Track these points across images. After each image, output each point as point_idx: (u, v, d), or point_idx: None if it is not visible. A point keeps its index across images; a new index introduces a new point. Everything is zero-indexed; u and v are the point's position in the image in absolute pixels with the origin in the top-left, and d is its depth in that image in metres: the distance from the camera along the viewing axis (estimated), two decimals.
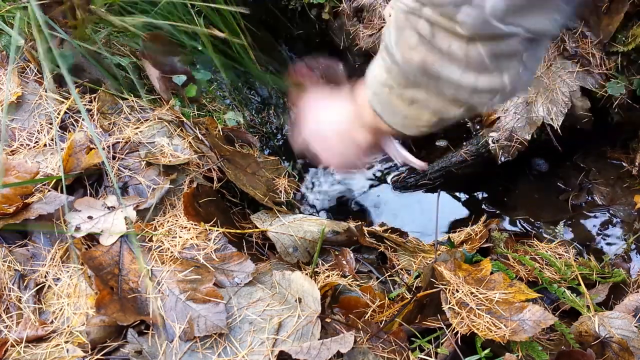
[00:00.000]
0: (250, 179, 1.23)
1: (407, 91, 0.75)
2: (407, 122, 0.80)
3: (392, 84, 0.76)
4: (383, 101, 0.80)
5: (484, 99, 0.70)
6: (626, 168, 1.62)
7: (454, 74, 0.67)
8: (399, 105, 0.78)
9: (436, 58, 0.66)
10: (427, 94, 0.73)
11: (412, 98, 0.75)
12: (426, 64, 0.68)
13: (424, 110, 0.76)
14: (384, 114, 0.82)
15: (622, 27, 1.48)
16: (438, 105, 0.74)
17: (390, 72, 0.75)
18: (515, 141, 1.50)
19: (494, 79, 0.67)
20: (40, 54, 1.10)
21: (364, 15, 1.78)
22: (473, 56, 0.64)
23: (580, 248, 1.49)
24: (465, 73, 0.66)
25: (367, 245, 1.17)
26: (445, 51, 0.65)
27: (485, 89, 0.68)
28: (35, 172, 1.03)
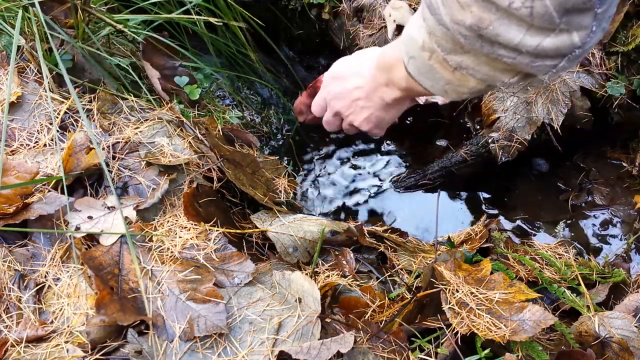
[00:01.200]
0: (250, 179, 1.23)
1: (452, 57, 0.67)
2: (449, 87, 0.73)
3: (435, 48, 0.68)
4: (421, 66, 0.73)
5: (547, 64, 0.61)
6: (626, 168, 1.62)
7: (515, 35, 0.58)
8: (442, 72, 0.71)
9: (494, 17, 0.57)
10: (477, 59, 0.65)
11: (459, 64, 0.67)
12: (481, 25, 0.59)
13: (470, 77, 0.69)
14: (422, 79, 0.75)
15: (622, 27, 1.48)
16: (489, 72, 0.66)
17: (433, 35, 0.67)
18: (515, 141, 1.50)
19: (563, 39, 0.57)
20: (40, 54, 1.10)
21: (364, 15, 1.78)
22: (539, 12, 0.55)
23: (580, 248, 1.49)
24: (528, 34, 0.57)
25: (367, 245, 1.17)
26: (505, 8, 0.56)
27: (551, 52, 0.59)
28: (35, 172, 1.03)
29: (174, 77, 1.39)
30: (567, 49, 0.58)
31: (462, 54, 0.65)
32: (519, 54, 0.60)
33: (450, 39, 0.64)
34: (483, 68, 0.66)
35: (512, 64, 0.62)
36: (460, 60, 0.66)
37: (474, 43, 0.61)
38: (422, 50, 0.71)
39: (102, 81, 1.25)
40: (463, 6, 0.59)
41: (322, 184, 1.69)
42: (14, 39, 1.07)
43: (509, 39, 0.58)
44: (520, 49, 0.59)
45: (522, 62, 0.61)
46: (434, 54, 0.69)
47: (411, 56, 0.75)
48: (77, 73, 1.23)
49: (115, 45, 1.40)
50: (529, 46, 0.58)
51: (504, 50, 0.60)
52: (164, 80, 1.32)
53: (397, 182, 1.66)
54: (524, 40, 0.58)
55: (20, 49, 1.21)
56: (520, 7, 0.55)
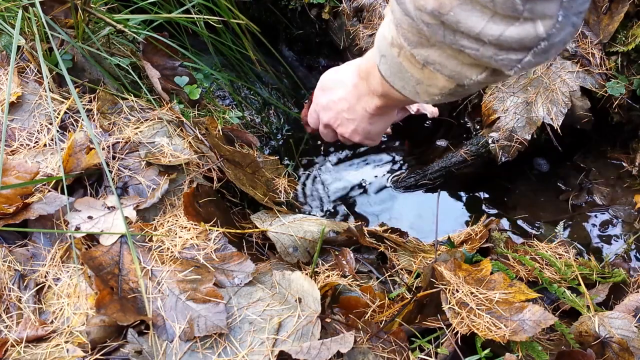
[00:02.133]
0: (250, 179, 1.23)
1: (419, 50, 0.65)
2: (420, 88, 0.72)
3: (402, 43, 0.66)
4: (392, 64, 0.72)
5: (512, 58, 0.58)
6: (626, 168, 1.62)
7: (476, 23, 0.55)
8: (410, 69, 0.69)
9: (455, 3, 0.55)
10: (443, 52, 0.63)
11: (426, 59, 0.65)
12: (442, 10, 0.56)
13: (438, 75, 0.67)
14: (394, 80, 0.74)
15: (622, 27, 1.48)
16: (456, 67, 0.64)
17: (400, 27, 0.65)
18: (515, 141, 1.50)
19: (527, 29, 0.54)
20: (40, 54, 1.10)
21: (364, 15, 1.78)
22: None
23: (580, 248, 1.49)
24: (491, 22, 0.55)
25: (367, 245, 1.17)
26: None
27: (514, 44, 0.56)
28: (35, 172, 1.03)
29: (174, 77, 1.39)
30: (531, 41, 0.55)
31: (428, 47, 0.63)
32: (482, 44, 0.57)
33: (416, 30, 0.62)
34: (449, 62, 0.64)
35: (476, 57, 0.59)
36: (426, 54, 0.64)
37: (437, 31, 0.59)
38: (392, 46, 0.69)
39: (102, 81, 1.25)
40: None
41: (322, 184, 1.69)
42: (14, 39, 1.07)
43: (470, 27, 0.56)
44: (483, 39, 0.56)
45: (486, 55, 0.58)
46: (402, 49, 0.68)
47: (382, 54, 0.73)
48: (77, 73, 1.23)
49: (115, 45, 1.40)
50: (491, 35, 0.55)
51: (466, 40, 0.58)
52: (164, 80, 1.32)
53: (397, 182, 1.66)
54: (485, 29, 0.55)
55: (20, 49, 1.21)
56: None
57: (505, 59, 0.58)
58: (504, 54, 0.57)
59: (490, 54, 0.58)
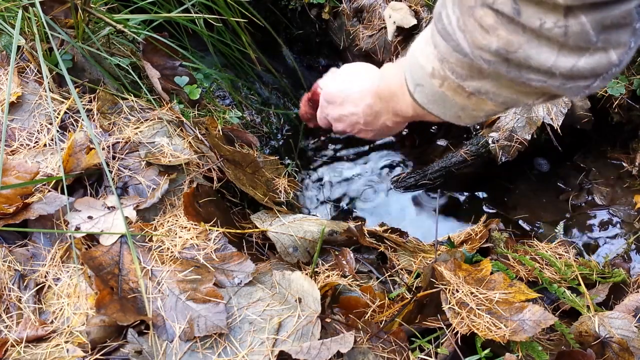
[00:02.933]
0: (250, 179, 1.23)
1: (469, 82, 0.63)
2: (464, 113, 0.70)
3: (448, 76, 0.64)
4: (431, 94, 0.70)
5: (580, 85, 0.56)
6: (626, 168, 1.62)
7: (547, 58, 0.53)
8: (455, 97, 0.67)
9: (523, 40, 0.53)
10: (497, 82, 0.61)
11: (477, 89, 0.63)
12: (510, 48, 0.54)
13: (489, 101, 0.64)
14: (432, 107, 0.72)
15: None
16: (511, 95, 0.62)
17: (445, 62, 0.63)
18: (515, 141, 1.50)
19: (600, 58, 0.53)
20: (40, 54, 1.10)
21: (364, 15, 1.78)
22: (575, 31, 0.50)
23: (580, 248, 1.49)
24: (561, 55, 0.53)
25: (367, 245, 1.17)
26: (535, 29, 0.52)
27: (586, 73, 0.54)
28: (35, 172, 1.03)
29: (174, 77, 1.39)
30: (603, 68, 0.54)
31: (480, 79, 0.62)
32: (550, 76, 0.55)
33: (467, 65, 0.61)
34: (505, 92, 0.62)
35: (542, 87, 0.58)
36: (479, 85, 0.63)
37: (499, 68, 0.57)
38: (432, 77, 0.67)
39: (102, 81, 1.25)
40: (487, 30, 0.55)
41: (322, 184, 1.69)
42: (14, 39, 1.07)
43: (540, 62, 0.54)
44: (554, 72, 0.54)
45: (553, 85, 0.56)
46: (446, 81, 0.66)
47: (418, 84, 0.71)
48: (77, 73, 1.23)
49: (115, 45, 1.40)
50: (563, 68, 0.54)
51: (533, 74, 0.56)
52: (164, 80, 1.32)
53: (397, 182, 1.66)
54: (557, 62, 0.53)
55: (20, 49, 1.21)
56: (553, 27, 0.51)
57: (574, 87, 0.57)
58: (572, 82, 0.56)
59: (558, 84, 0.56)
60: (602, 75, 0.55)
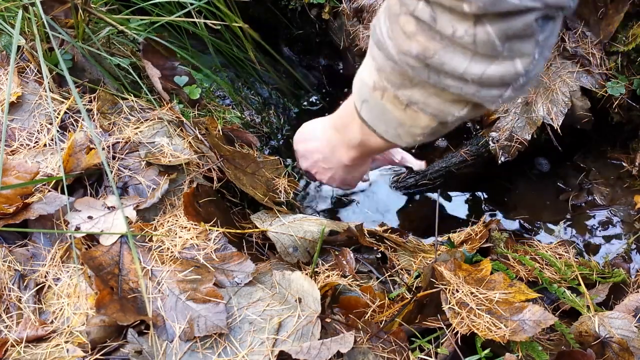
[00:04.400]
0: (250, 179, 1.23)
1: (402, 92, 0.67)
2: (402, 130, 0.74)
3: (385, 85, 0.68)
4: (374, 108, 0.74)
5: (493, 93, 0.61)
6: (626, 168, 1.62)
7: (459, 63, 0.58)
8: (394, 111, 0.71)
9: (439, 46, 0.58)
10: (426, 92, 0.65)
11: (409, 98, 0.67)
12: (427, 54, 0.59)
13: (421, 114, 0.69)
14: (376, 123, 0.76)
15: (622, 27, 1.48)
16: (439, 105, 0.66)
17: (382, 71, 0.68)
18: (515, 141, 1.50)
19: (506, 67, 0.58)
20: (40, 54, 1.10)
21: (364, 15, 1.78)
22: (482, 40, 0.55)
23: (581, 248, 1.49)
24: (472, 62, 0.58)
25: (367, 245, 1.17)
26: (449, 37, 0.57)
27: (495, 80, 0.59)
28: (35, 172, 1.03)
29: (174, 76, 1.39)
30: (511, 77, 0.59)
31: (411, 87, 0.66)
32: (464, 82, 0.60)
33: (399, 73, 0.65)
34: (432, 101, 0.66)
35: (459, 94, 0.62)
36: (410, 94, 0.66)
37: (422, 73, 0.62)
38: (374, 90, 0.71)
39: (102, 81, 1.25)
40: (409, 36, 0.59)
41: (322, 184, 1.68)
42: (14, 39, 1.07)
43: (454, 67, 0.59)
44: (466, 78, 0.59)
45: (469, 92, 0.61)
46: (385, 92, 0.70)
47: (364, 100, 0.75)
48: (77, 73, 1.23)
49: (115, 45, 1.40)
50: (474, 74, 0.58)
51: (450, 79, 0.60)
52: (164, 80, 1.32)
53: (397, 182, 1.66)
54: (469, 68, 0.58)
55: (20, 49, 1.21)
56: (464, 35, 0.55)
57: (487, 95, 0.61)
58: (486, 90, 0.60)
59: (472, 90, 0.61)
60: (511, 85, 0.60)
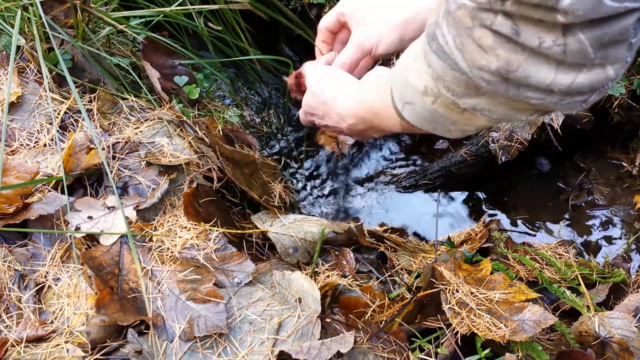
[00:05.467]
0: (247, 180, 1.23)
1: (465, 100, 0.63)
2: (455, 127, 0.70)
3: (443, 93, 0.65)
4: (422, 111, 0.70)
5: (577, 100, 0.57)
6: (626, 168, 1.62)
7: (546, 75, 0.54)
8: (447, 113, 0.68)
9: (522, 59, 0.54)
10: (495, 101, 0.61)
11: (473, 107, 0.64)
12: (510, 68, 0.55)
13: (482, 118, 0.65)
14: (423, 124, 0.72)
15: None
16: (507, 111, 0.62)
17: (440, 80, 0.63)
18: (515, 141, 1.50)
19: (597, 74, 0.54)
20: (40, 54, 1.10)
21: None
22: (573, 49, 0.51)
23: (581, 248, 1.49)
24: (560, 72, 0.53)
25: (367, 245, 1.17)
26: (535, 49, 0.52)
27: (584, 88, 0.55)
28: (35, 172, 1.03)
29: (173, 76, 1.38)
30: (600, 83, 0.55)
31: (477, 97, 0.62)
32: (549, 94, 0.56)
33: (464, 83, 0.61)
34: (500, 109, 0.62)
35: (539, 104, 0.58)
36: (474, 103, 0.63)
37: (498, 87, 0.58)
38: (424, 95, 0.68)
39: (102, 81, 1.25)
40: (487, 50, 0.55)
41: (322, 184, 1.68)
42: (14, 39, 1.07)
43: (540, 80, 0.54)
44: (552, 89, 0.55)
45: (551, 102, 0.57)
46: (439, 98, 0.66)
47: (407, 102, 0.71)
48: (77, 73, 1.23)
49: (115, 45, 1.40)
50: (562, 85, 0.54)
51: (532, 91, 0.56)
52: (164, 80, 1.32)
53: (397, 182, 1.66)
54: (556, 79, 0.54)
55: (20, 49, 1.21)
56: (552, 46, 0.51)
57: (571, 102, 0.58)
58: (570, 98, 0.57)
59: (555, 100, 0.57)
60: (598, 90, 0.56)
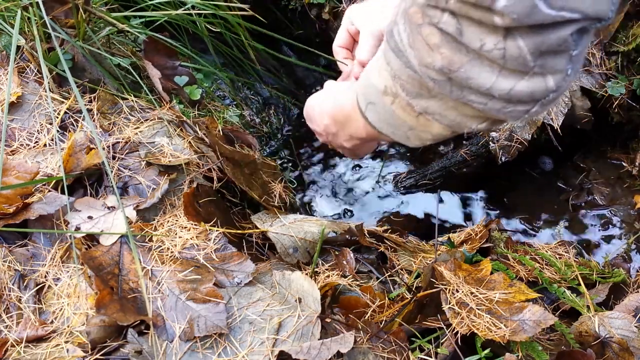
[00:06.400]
0: (247, 180, 1.23)
1: (418, 101, 0.63)
2: (412, 133, 0.70)
3: (399, 93, 0.65)
4: (382, 112, 0.70)
5: (520, 110, 0.57)
6: (626, 168, 1.62)
7: (486, 78, 0.54)
8: (404, 116, 0.68)
9: (465, 59, 0.54)
10: (445, 104, 0.62)
11: (425, 109, 0.64)
12: (452, 67, 0.55)
13: (436, 123, 0.65)
14: (383, 126, 0.73)
15: (622, 27, 1.48)
16: (457, 118, 0.63)
17: (397, 78, 0.64)
18: (515, 141, 1.50)
19: (537, 83, 0.54)
20: (40, 54, 1.10)
21: None
22: (512, 55, 0.51)
23: (580, 248, 1.49)
24: (501, 77, 0.54)
25: (367, 245, 1.17)
26: (476, 50, 0.53)
27: (524, 97, 0.55)
28: (35, 172, 1.03)
29: (174, 76, 1.38)
30: (541, 94, 0.55)
31: (428, 98, 0.62)
32: (490, 99, 0.56)
33: (417, 83, 0.61)
34: (450, 114, 0.63)
35: (482, 110, 0.58)
36: (426, 105, 0.63)
37: (444, 87, 0.58)
38: (384, 94, 0.68)
39: (102, 81, 1.25)
40: (432, 48, 0.56)
41: (322, 184, 1.69)
42: (14, 39, 1.07)
43: (480, 83, 0.55)
44: (493, 94, 0.55)
45: (493, 108, 0.57)
46: (397, 98, 0.66)
47: (370, 102, 0.72)
48: (77, 73, 1.23)
49: (116, 45, 1.40)
50: (501, 90, 0.55)
51: (474, 95, 0.57)
52: (164, 80, 1.32)
53: (397, 182, 1.66)
54: (496, 84, 0.54)
55: (20, 49, 1.21)
56: (493, 49, 0.52)
57: (513, 111, 0.58)
58: (512, 106, 0.57)
59: (498, 107, 0.57)
60: (540, 101, 0.56)
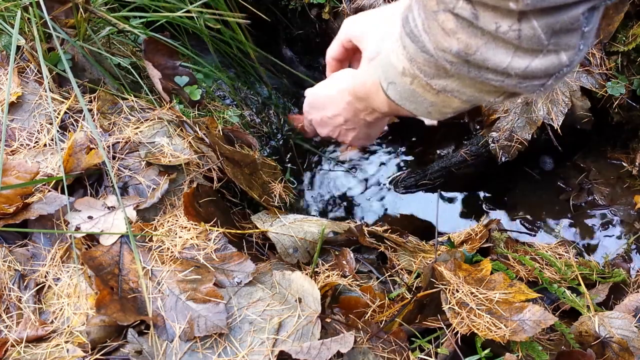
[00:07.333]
0: (247, 180, 1.23)
1: (436, 81, 0.67)
2: (433, 109, 0.74)
3: (417, 74, 0.68)
4: (403, 91, 0.74)
5: (535, 84, 0.60)
6: (626, 168, 1.62)
7: (503, 59, 0.57)
8: (424, 94, 0.71)
9: (481, 43, 0.57)
10: (462, 83, 0.65)
11: (444, 88, 0.67)
12: (469, 51, 0.58)
13: (455, 99, 0.69)
14: (405, 103, 0.76)
15: (622, 27, 1.48)
16: (475, 93, 0.66)
17: (414, 61, 0.66)
18: (515, 141, 1.50)
19: (552, 60, 0.57)
20: (40, 54, 1.10)
21: None
22: (527, 35, 0.54)
23: (580, 248, 1.49)
24: (516, 57, 0.57)
25: (367, 245, 1.17)
26: (492, 33, 0.55)
27: (539, 73, 0.58)
28: (35, 172, 1.03)
29: (174, 76, 1.38)
30: (555, 68, 0.58)
31: (446, 78, 0.65)
32: (507, 77, 0.59)
33: (434, 65, 0.64)
34: (468, 90, 0.66)
35: (500, 86, 0.62)
36: (445, 84, 0.66)
37: (461, 68, 0.61)
38: (403, 75, 0.71)
39: (102, 81, 1.25)
40: (449, 33, 0.58)
41: (322, 184, 1.69)
42: (13, 39, 1.07)
43: (497, 63, 0.58)
44: (509, 72, 0.59)
45: (510, 84, 0.61)
46: (415, 79, 0.69)
47: (391, 82, 0.75)
48: (77, 73, 1.23)
49: (116, 45, 1.40)
50: (517, 69, 0.58)
51: (491, 74, 0.60)
52: (165, 80, 1.32)
53: (398, 182, 1.66)
54: (512, 63, 0.57)
55: (20, 49, 1.21)
56: (508, 31, 0.54)
57: (529, 86, 0.61)
58: (528, 82, 0.60)
59: (514, 83, 0.60)
60: (554, 75, 0.60)
